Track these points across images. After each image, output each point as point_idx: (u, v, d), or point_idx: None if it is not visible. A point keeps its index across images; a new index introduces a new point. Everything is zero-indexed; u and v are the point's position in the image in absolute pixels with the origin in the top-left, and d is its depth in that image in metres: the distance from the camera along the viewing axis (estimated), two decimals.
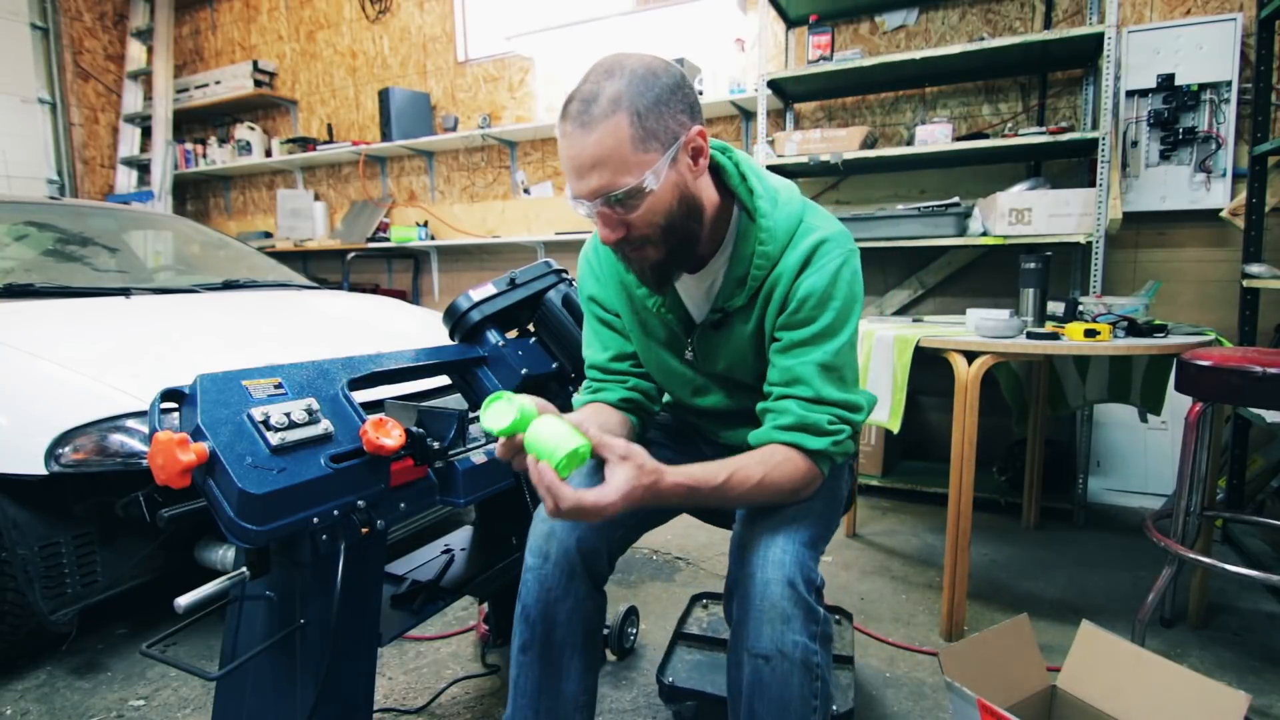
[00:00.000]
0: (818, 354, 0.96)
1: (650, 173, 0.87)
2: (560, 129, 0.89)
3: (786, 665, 0.88)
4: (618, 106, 0.85)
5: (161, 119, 4.89)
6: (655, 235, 0.93)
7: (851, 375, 1.00)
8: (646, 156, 0.87)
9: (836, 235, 0.99)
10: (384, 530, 1.03)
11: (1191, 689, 1.10)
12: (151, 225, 3.19)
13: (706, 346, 1.08)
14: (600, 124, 0.85)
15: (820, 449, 0.95)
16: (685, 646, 1.60)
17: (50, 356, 1.64)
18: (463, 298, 1.38)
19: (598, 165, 0.86)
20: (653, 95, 0.86)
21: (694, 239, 0.97)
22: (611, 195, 0.87)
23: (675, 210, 0.92)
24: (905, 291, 3.11)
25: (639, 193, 0.88)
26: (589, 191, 0.88)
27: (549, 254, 3.88)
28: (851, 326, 0.99)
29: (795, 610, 0.89)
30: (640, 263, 0.97)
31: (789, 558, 0.92)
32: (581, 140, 0.86)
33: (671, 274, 0.99)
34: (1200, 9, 2.56)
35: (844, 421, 0.97)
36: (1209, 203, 2.54)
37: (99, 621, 1.90)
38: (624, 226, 0.91)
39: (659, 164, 0.87)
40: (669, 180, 0.90)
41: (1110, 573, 2.17)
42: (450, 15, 4.16)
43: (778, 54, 3.26)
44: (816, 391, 0.96)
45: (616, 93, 0.85)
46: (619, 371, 1.14)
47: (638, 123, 0.86)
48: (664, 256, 0.95)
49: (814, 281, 0.96)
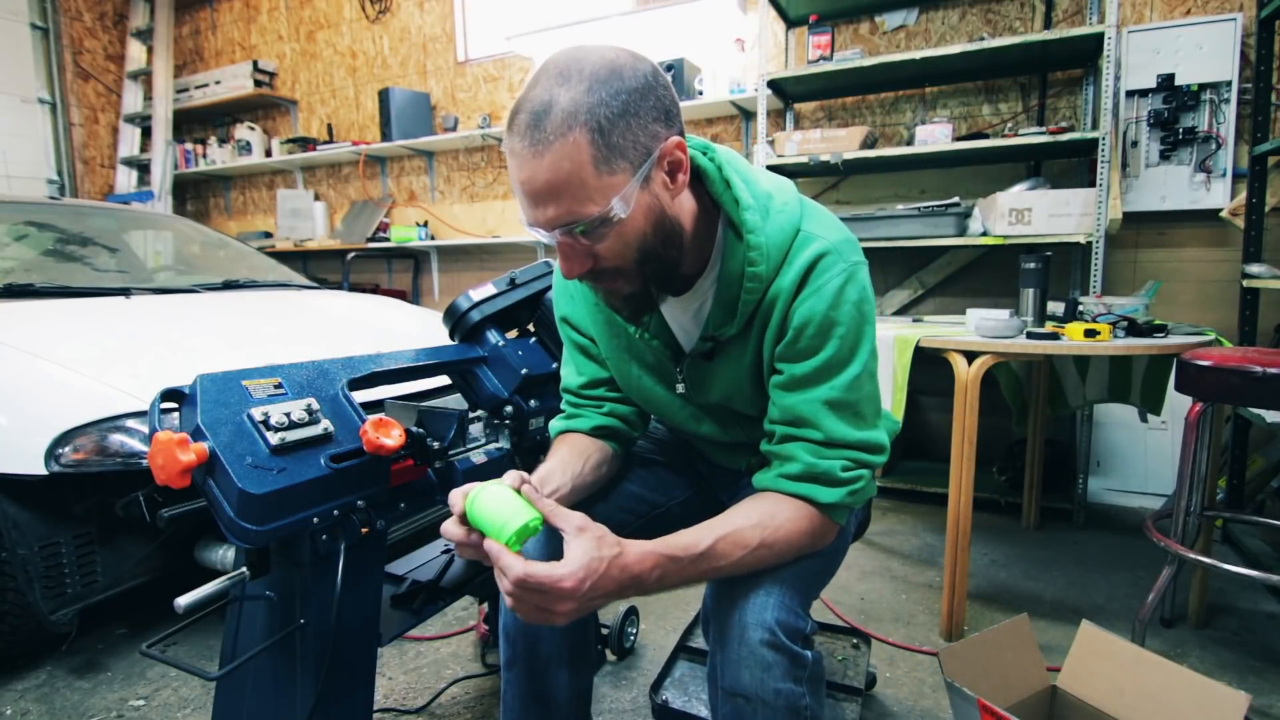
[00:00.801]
0: (824, 390, 0.83)
1: (618, 199, 0.73)
2: (507, 144, 0.74)
3: (769, 711, 0.78)
4: (574, 122, 0.69)
5: (161, 119, 4.89)
6: (628, 267, 0.79)
7: (870, 409, 0.86)
8: (613, 180, 0.72)
9: (838, 246, 0.84)
10: (384, 530, 1.02)
11: (1191, 689, 1.10)
12: (151, 225, 3.19)
13: (698, 376, 0.95)
14: (554, 145, 0.70)
15: (834, 501, 0.82)
16: (687, 661, 1.56)
17: (50, 356, 1.64)
18: (463, 298, 1.38)
19: (554, 194, 0.72)
20: (618, 104, 0.71)
21: (674, 265, 0.83)
22: (573, 227, 0.74)
23: (650, 237, 0.78)
24: (905, 291, 3.11)
25: (605, 222, 0.74)
26: (545, 221, 0.74)
27: (549, 254, 3.88)
28: (864, 353, 0.84)
29: (777, 658, 0.78)
30: (611, 296, 0.85)
31: (773, 601, 0.80)
32: (533, 165, 0.71)
33: (649, 303, 0.86)
34: (1200, 9, 2.56)
35: (861, 465, 0.83)
36: (1209, 203, 2.54)
37: (99, 621, 1.90)
38: (590, 258, 0.78)
39: (628, 188, 0.73)
40: (641, 204, 0.75)
41: (1110, 573, 2.17)
42: (450, 15, 4.16)
43: (778, 54, 3.26)
44: (827, 434, 0.82)
45: (573, 103, 0.69)
46: (594, 397, 1.03)
47: (600, 140, 0.70)
48: (639, 288, 0.82)
49: (813, 305, 0.82)
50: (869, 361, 0.85)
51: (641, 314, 0.88)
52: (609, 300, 0.87)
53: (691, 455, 1.20)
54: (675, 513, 1.15)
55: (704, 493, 1.20)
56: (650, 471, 1.14)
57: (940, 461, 2.99)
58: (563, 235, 0.76)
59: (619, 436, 1.04)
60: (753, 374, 0.91)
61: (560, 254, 0.79)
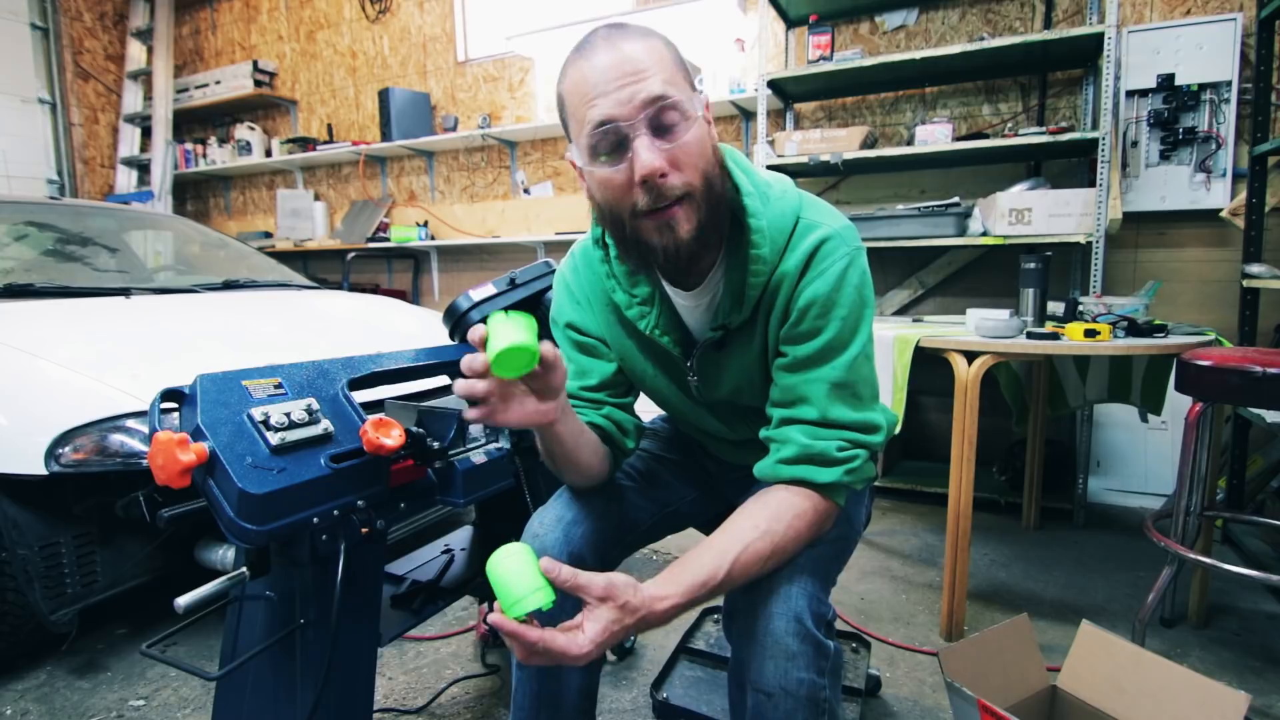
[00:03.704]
0: (826, 370, 0.85)
1: (696, 98, 0.79)
2: (583, 56, 0.78)
3: (791, 703, 0.80)
4: (652, 34, 0.80)
5: (161, 119, 4.88)
6: (696, 184, 0.80)
7: (868, 390, 0.88)
8: (686, 82, 0.80)
9: (840, 232, 0.87)
10: (384, 530, 1.02)
11: (1191, 689, 1.10)
12: (151, 225, 3.19)
13: (709, 369, 0.97)
14: (643, 38, 0.78)
15: (831, 481, 0.84)
16: (688, 661, 1.56)
17: (50, 356, 1.64)
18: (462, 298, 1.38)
19: (650, 69, 0.76)
20: (676, 49, 0.82)
21: (719, 216, 0.85)
22: (667, 102, 0.76)
23: (713, 166, 0.82)
24: (905, 291, 3.11)
25: (686, 116, 0.78)
26: (641, 101, 0.75)
27: (549, 254, 3.88)
28: (863, 336, 0.87)
29: (803, 647, 0.80)
30: (669, 231, 0.81)
31: (797, 589, 0.83)
32: (623, 48, 0.76)
33: (704, 245, 0.85)
34: (1200, 9, 2.56)
35: (858, 445, 0.86)
36: (1209, 203, 2.53)
37: (99, 621, 1.90)
38: (669, 161, 0.78)
39: (695, 98, 0.79)
40: (703, 126, 0.81)
41: (1110, 573, 2.17)
42: (450, 15, 4.16)
43: (778, 54, 3.26)
44: (822, 413, 0.85)
45: (647, 28, 0.80)
46: (593, 400, 1.02)
47: (674, 53, 0.80)
48: (695, 226, 0.81)
49: (817, 287, 0.85)
50: (867, 345, 0.88)
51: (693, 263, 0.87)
52: (664, 240, 0.81)
53: (700, 454, 1.22)
54: (685, 510, 1.18)
55: (712, 491, 1.22)
56: (660, 469, 1.16)
57: (940, 461, 2.99)
58: (648, 125, 0.76)
59: (611, 442, 1.03)
60: (761, 363, 0.93)
61: (644, 145, 0.76)
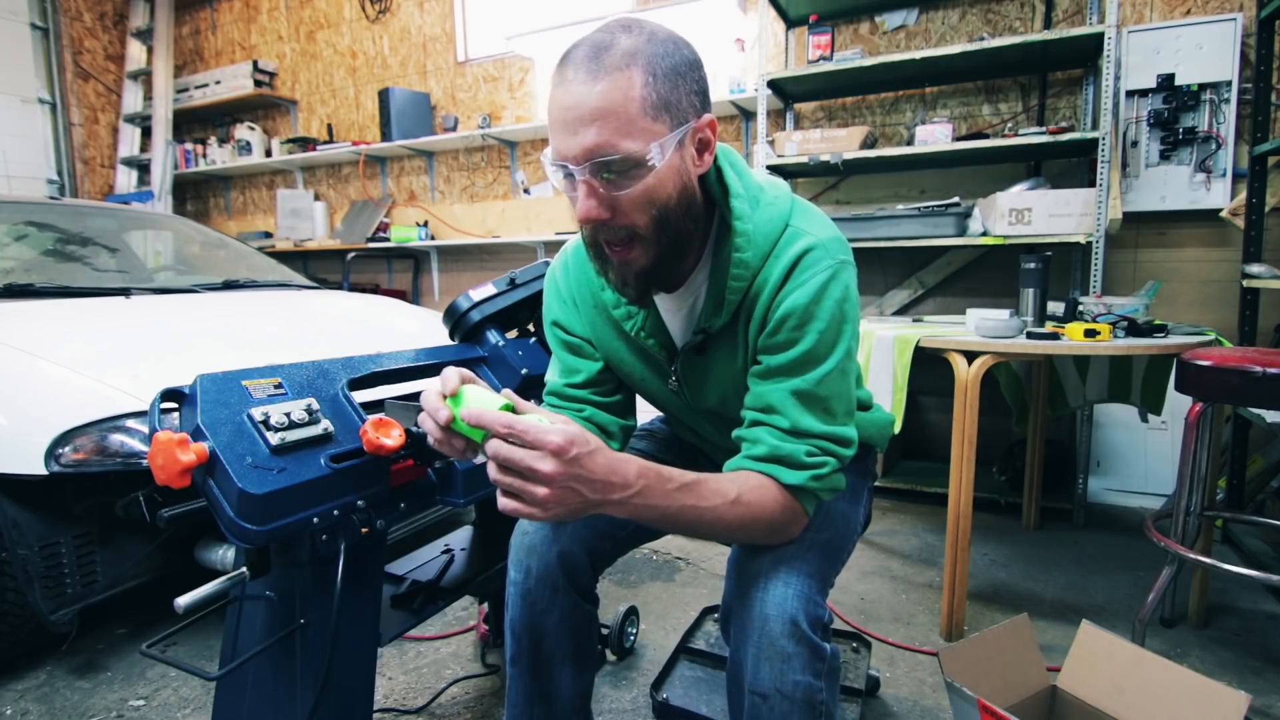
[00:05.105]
0: (798, 382, 0.83)
1: (656, 145, 0.74)
2: (558, 76, 0.75)
3: (787, 705, 0.79)
4: (633, 60, 0.73)
5: (161, 119, 4.88)
6: (645, 228, 0.79)
7: (841, 406, 0.86)
8: (654, 127, 0.74)
9: (826, 243, 0.84)
10: (384, 530, 1.02)
11: (1191, 689, 1.10)
12: (151, 225, 3.19)
13: (693, 374, 0.95)
14: (611, 74, 0.72)
15: (797, 483, 0.82)
16: (688, 661, 1.56)
17: (50, 356, 1.64)
18: (463, 298, 1.38)
19: (598, 119, 0.72)
20: (671, 62, 0.75)
21: (686, 243, 0.84)
22: (608, 158, 0.73)
23: (673, 202, 0.79)
24: (905, 291, 3.11)
25: (639, 165, 0.74)
26: (581, 151, 0.73)
27: (549, 254, 3.88)
28: (840, 352, 0.84)
29: (798, 649, 0.79)
30: (622, 268, 0.82)
31: (792, 591, 0.81)
32: (584, 88, 0.72)
33: (659, 281, 0.86)
34: (1200, 9, 2.56)
35: (827, 454, 0.84)
36: (1209, 203, 2.53)
37: (99, 621, 1.90)
38: (609, 208, 0.77)
39: (666, 139, 0.75)
40: (672, 163, 0.77)
41: (1110, 573, 2.17)
42: (450, 15, 4.16)
43: (778, 54, 3.26)
44: (793, 422, 0.83)
45: (634, 46, 0.73)
46: (576, 399, 1.02)
47: (652, 85, 0.73)
48: (651, 262, 0.82)
49: (796, 298, 0.82)
50: (844, 361, 0.85)
51: (649, 293, 0.87)
52: (618, 275, 0.84)
53: (698, 457, 1.20)
54: None
55: None
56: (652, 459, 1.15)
57: (940, 461, 2.99)
58: (590, 173, 0.75)
59: None
60: (744, 375, 0.91)
61: (583, 193, 0.76)
